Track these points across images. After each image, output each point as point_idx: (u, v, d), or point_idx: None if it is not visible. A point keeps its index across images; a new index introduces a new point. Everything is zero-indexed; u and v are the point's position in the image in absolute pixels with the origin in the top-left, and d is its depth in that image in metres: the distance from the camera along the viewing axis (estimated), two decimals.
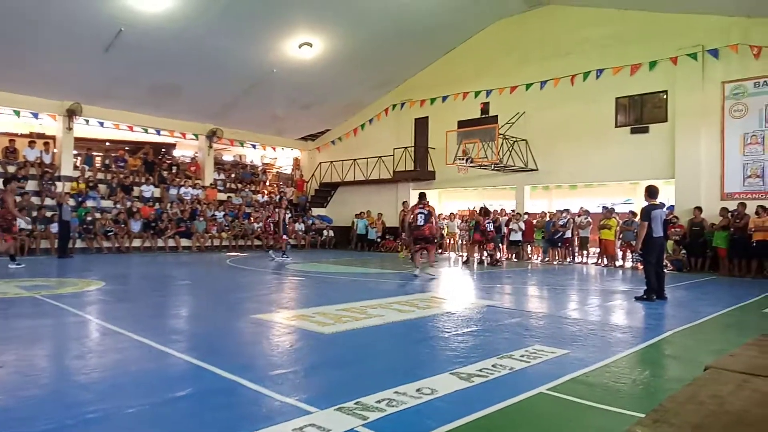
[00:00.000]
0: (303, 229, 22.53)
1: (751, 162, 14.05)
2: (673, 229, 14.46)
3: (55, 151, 18.94)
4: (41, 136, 20.01)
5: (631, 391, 3.75)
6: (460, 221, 20.03)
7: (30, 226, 15.31)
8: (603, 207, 16.60)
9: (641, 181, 17.47)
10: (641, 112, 16.23)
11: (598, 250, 16.23)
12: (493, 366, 4.19)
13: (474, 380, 3.83)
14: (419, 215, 10.78)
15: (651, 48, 15.72)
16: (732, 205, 13.58)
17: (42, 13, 13.83)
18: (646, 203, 8.38)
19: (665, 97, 15.66)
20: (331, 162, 24.49)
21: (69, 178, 18.46)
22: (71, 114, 18.41)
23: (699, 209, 14.04)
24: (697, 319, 6.66)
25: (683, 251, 14.33)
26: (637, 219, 13.63)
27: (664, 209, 8.37)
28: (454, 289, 9.99)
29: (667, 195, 16.39)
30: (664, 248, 8.42)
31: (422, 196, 11.54)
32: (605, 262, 15.59)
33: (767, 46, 13.78)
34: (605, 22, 16.66)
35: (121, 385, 3.67)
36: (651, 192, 8.41)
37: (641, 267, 14.46)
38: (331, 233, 23.13)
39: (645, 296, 8.11)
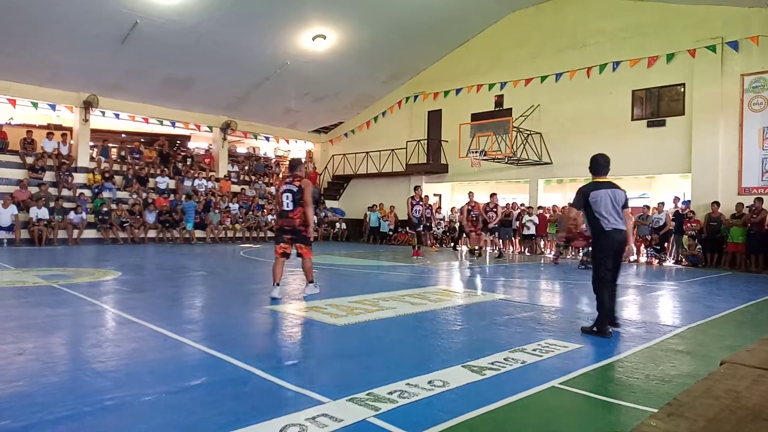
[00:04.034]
0: (316, 221, 22.62)
1: None
2: (689, 224, 14.31)
3: (72, 142, 19.17)
4: (58, 127, 20.27)
5: (644, 386, 3.73)
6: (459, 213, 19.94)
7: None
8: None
9: (657, 176, 17.31)
10: (658, 105, 16.01)
11: None
12: (505, 359, 4.19)
13: (486, 373, 3.83)
14: (285, 194, 6.85)
15: (669, 40, 15.48)
16: (749, 200, 13.37)
17: (59, 5, 13.98)
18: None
19: (683, 90, 15.43)
20: (344, 155, 24.51)
21: (85, 170, 18.69)
22: (88, 106, 18.61)
23: (717, 204, 13.82)
24: (711, 315, 6.59)
25: (699, 246, 14.16)
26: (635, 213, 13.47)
27: (621, 191, 5.44)
28: (465, 282, 9.98)
29: (683, 189, 16.21)
30: (621, 249, 5.33)
31: (293, 165, 7.26)
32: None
33: None
34: (621, 14, 16.43)
35: (136, 373, 3.73)
36: (596, 163, 5.61)
37: (656, 262, 14.37)
38: (344, 226, 23.19)
39: (596, 327, 5.26)
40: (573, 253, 15.97)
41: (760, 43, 13.93)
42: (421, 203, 14.86)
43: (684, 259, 14.41)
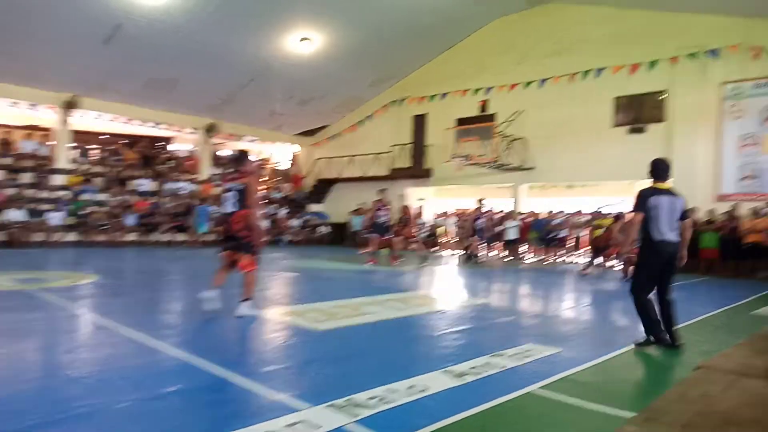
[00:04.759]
0: (299, 225, 22.53)
1: (747, 164, 14.08)
2: None
3: (52, 143, 18.86)
4: (38, 128, 19.92)
5: (622, 390, 3.75)
6: (457, 219, 20.05)
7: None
8: (597, 209, 16.55)
9: (637, 181, 17.52)
10: (640, 112, 16.23)
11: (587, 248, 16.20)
12: (485, 364, 4.19)
13: (466, 378, 3.82)
14: (227, 194, 6.02)
15: (651, 47, 15.70)
16: (726, 207, 13.59)
17: (42, 3, 13.76)
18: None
19: (664, 97, 15.67)
20: (329, 158, 24.45)
21: (65, 171, 18.40)
22: (69, 106, 18.32)
23: (692, 210, 14.00)
24: (688, 320, 6.66)
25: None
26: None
27: (681, 199, 5.10)
28: (447, 287, 9.99)
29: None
30: (671, 262, 5.00)
31: (237, 158, 6.29)
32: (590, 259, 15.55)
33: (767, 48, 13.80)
34: (605, 21, 16.65)
35: (111, 379, 3.66)
36: (657, 168, 5.19)
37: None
38: (328, 230, 23.10)
39: (652, 336, 5.03)
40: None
41: (739, 51, 14.20)
42: (385, 209, 13.47)
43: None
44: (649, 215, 4.96)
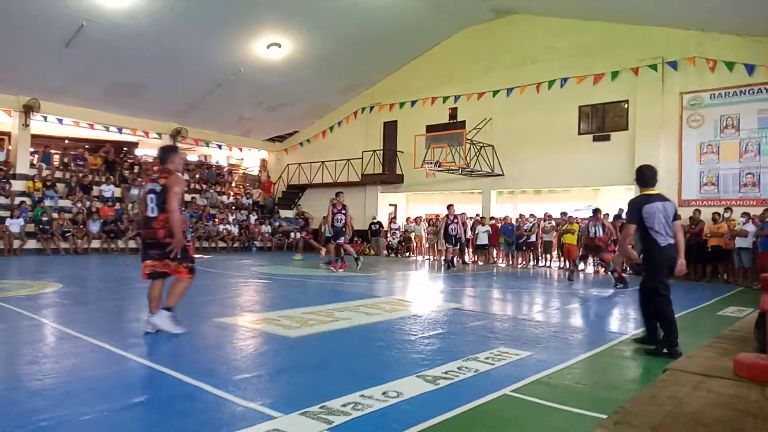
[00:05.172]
0: (270, 231, 22.30)
1: (707, 170, 14.59)
2: None
3: (9, 148, 18.24)
4: None
5: (592, 393, 3.82)
6: (427, 225, 20.18)
7: None
8: (562, 213, 16.86)
9: (602, 188, 17.97)
10: (603, 121, 16.67)
11: (556, 253, 16.51)
12: (458, 368, 4.22)
13: (439, 383, 3.84)
14: (148, 196, 5.33)
15: (613, 58, 16.17)
16: (688, 212, 14.04)
17: None
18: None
19: (626, 106, 16.13)
20: (299, 164, 24.32)
21: (25, 176, 17.80)
22: (28, 110, 17.76)
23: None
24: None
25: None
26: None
27: (671, 202, 5.13)
28: (419, 292, 10.02)
29: (627, 201, 16.84)
30: (673, 265, 5.05)
31: (162, 155, 5.55)
32: (568, 266, 15.89)
33: (721, 60, 14.36)
34: (570, 33, 17.06)
35: (76, 391, 3.54)
36: (641, 175, 5.24)
37: (602, 271, 14.75)
38: (299, 236, 22.88)
39: (666, 348, 4.87)
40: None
41: (696, 64, 14.74)
42: (344, 211, 12.97)
43: (629, 268, 14.94)
44: (644, 224, 4.94)
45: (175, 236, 5.15)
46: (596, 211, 12.00)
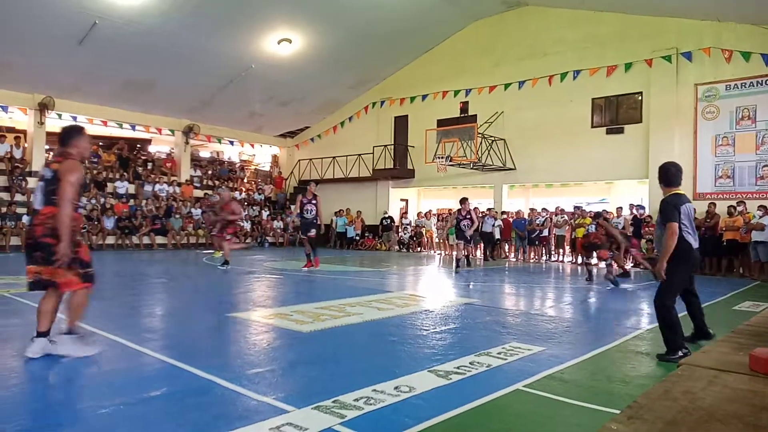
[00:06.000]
0: (281, 226, 22.41)
1: (722, 163, 14.40)
2: (647, 229, 14.73)
3: (25, 145, 18.46)
4: (11, 130, 19.48)
5: (606, 388, 3.80)
6: (437, 220, 20.18)
7: None
8: (575, 207, 16.77)
9: (615, 181, 17.80)
10: (617, 113, 16.50)
11: (569, 247, 16.42)
12: (470, 363, 4.22)
13: (452, 378, 3.84)
14: (39, 184, 4.24)
15: (626, 50, 15.98)
16: (704, 205, 13.87)
17: (14, 3, 13.47)
18: (666, 195, 4.92)
19: (640, 98, 15.94)
20: (311, 159, 24.37)
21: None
22: (43, 108, 17.97)
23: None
24: None
25: (656, 251, 14.56)
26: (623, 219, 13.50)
27: (691, 204, 4.96)
28: (431, 287, 10.02)
29: (641, 195, 16.70)
30: (696, 266, 4.94)
31: (63, 135, 4.41)
32: (581, 260, 15.79)
33: (737, 50, 14.13)
34: (582, 24, 16.88)
35: (94, 385, 3.59)
36: (666, 173, 4.98)
37: (616, 266, 14.58)
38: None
39: (670, 352, 4.55)
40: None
41: (711, 55, 14.52)
42: (314, 202, 11.98)
43: (644, 263, 14.80)
44: (681, 224, 4.67)
45: (61, 240, 3.90)
46: (597, 215, 11.50)
